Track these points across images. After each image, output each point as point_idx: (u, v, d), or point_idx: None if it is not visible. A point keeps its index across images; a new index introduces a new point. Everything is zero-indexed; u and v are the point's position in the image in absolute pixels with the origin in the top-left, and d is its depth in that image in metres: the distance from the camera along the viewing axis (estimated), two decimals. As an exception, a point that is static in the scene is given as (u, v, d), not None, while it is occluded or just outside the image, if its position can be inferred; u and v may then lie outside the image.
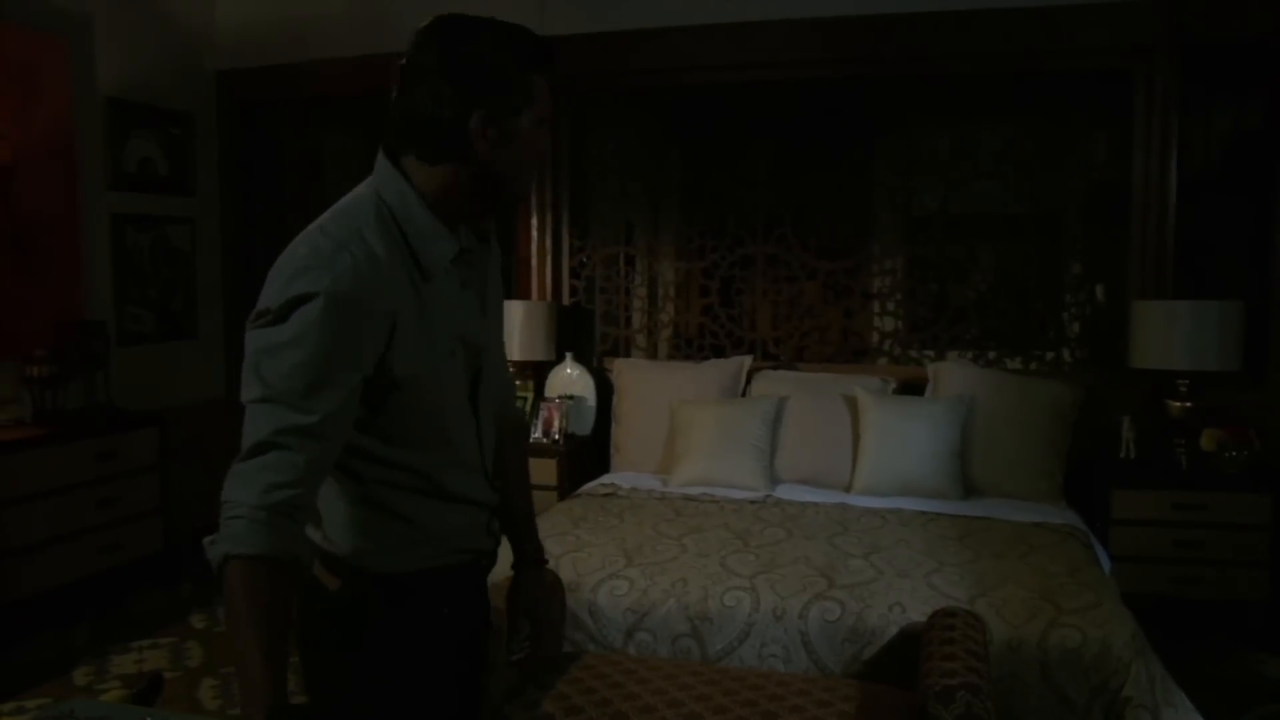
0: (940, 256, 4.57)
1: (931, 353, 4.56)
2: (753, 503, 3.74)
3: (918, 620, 2.61)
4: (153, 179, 4.90)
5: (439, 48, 1.35)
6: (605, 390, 4.71)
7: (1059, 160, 4.41)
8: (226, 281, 5.35)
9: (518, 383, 4.71)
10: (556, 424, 4.50)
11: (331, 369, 1.30)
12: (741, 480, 3.94)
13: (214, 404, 5.24)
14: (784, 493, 3.90)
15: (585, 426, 4.65)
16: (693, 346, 4.84)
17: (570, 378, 4.71)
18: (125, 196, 4.75)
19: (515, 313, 4.59)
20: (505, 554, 1.72)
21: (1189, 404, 3.96)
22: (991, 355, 4.48)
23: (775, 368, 4.52)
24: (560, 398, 4.58)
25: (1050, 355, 4.46)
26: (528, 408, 4.59)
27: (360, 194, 1.42)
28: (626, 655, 2.71)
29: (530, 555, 1.77)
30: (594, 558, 3.05)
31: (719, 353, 4.72)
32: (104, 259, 4.65)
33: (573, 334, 4.88)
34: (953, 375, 4.14)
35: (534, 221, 4.88)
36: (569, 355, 4.73)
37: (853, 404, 4.07)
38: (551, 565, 2.92)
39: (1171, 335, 3.89)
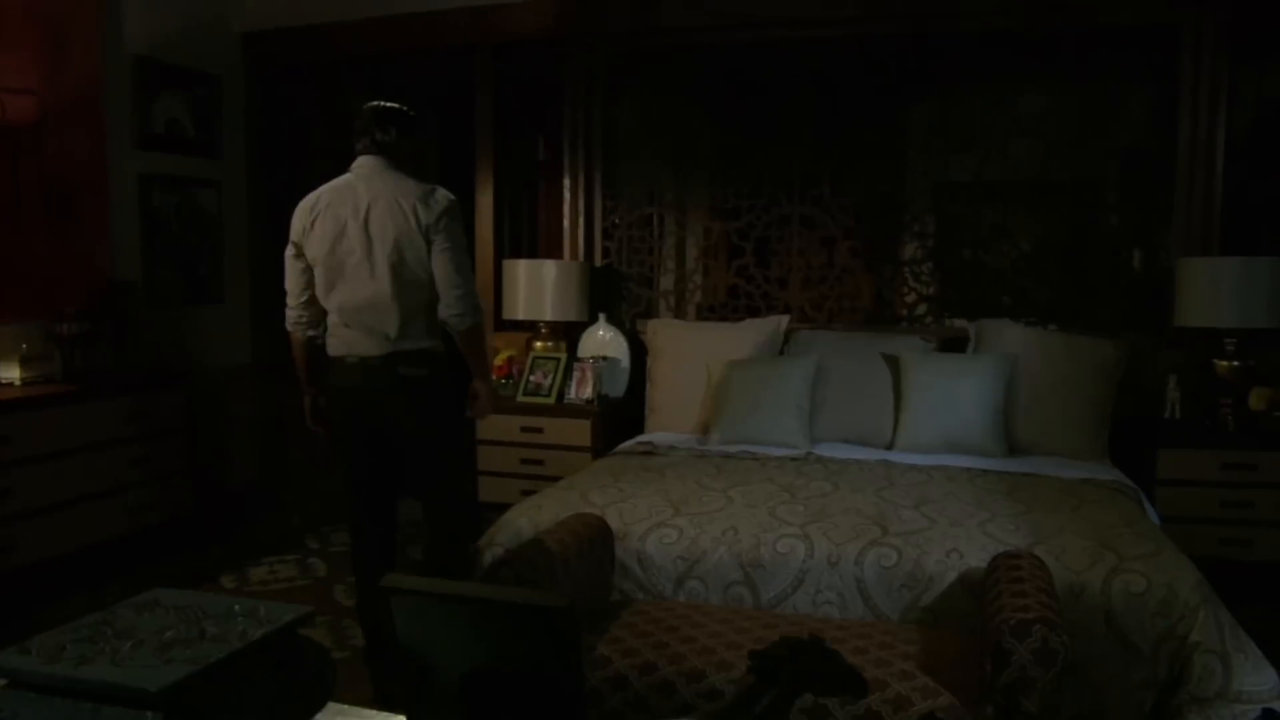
0: (976, 223, 4.48)
1: (965, 321, 4.47)
2: (794, 460, 3.69)
3: (977, 566, 2.55)
4: (180, 140, 4.86)
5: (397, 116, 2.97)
6: (638, 352, 4.65)
7: (1098, 124, 4.32)
8: (252, 246, 5.30)
9: (549, 344, 4.67)
10: (590, 385, 4.44)
11: None
12: (781, 438, 3.88)
13: (240, 369, 5.21)
14: (825, 450, 3.85)
15: (619, 388, 4.60)
16: (727, 308, 4.77)
17: (603, 339, 4.66)
18: (152, 157, 4.71)
19: (548, 273, 4.54)
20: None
21: (1237, 363, 3.89)
22: (1028, 324, 4.39)
23: (813, 328, 4.45)
24: (594, 359, 4.53)
25: (1084, 324, 4.36)
26: (560, 368, 4.54)
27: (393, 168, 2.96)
28: (679, 603, 2.66)
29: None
30: (640, 508, 2.99)
31: (754, 314, 4.65)
32: (131, 219, 4.62)
33: (605, 295, 4.82)
34: (995, 334, 4.07)
35: (566, 182, 4.83)
36: (602, 316, 4.68)
37: (893, 363, 4.01)
38: (598, 513, 2.90)
39: (1219, 292, 3.83)
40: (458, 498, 3.11)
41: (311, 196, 2.95)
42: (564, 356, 4.58)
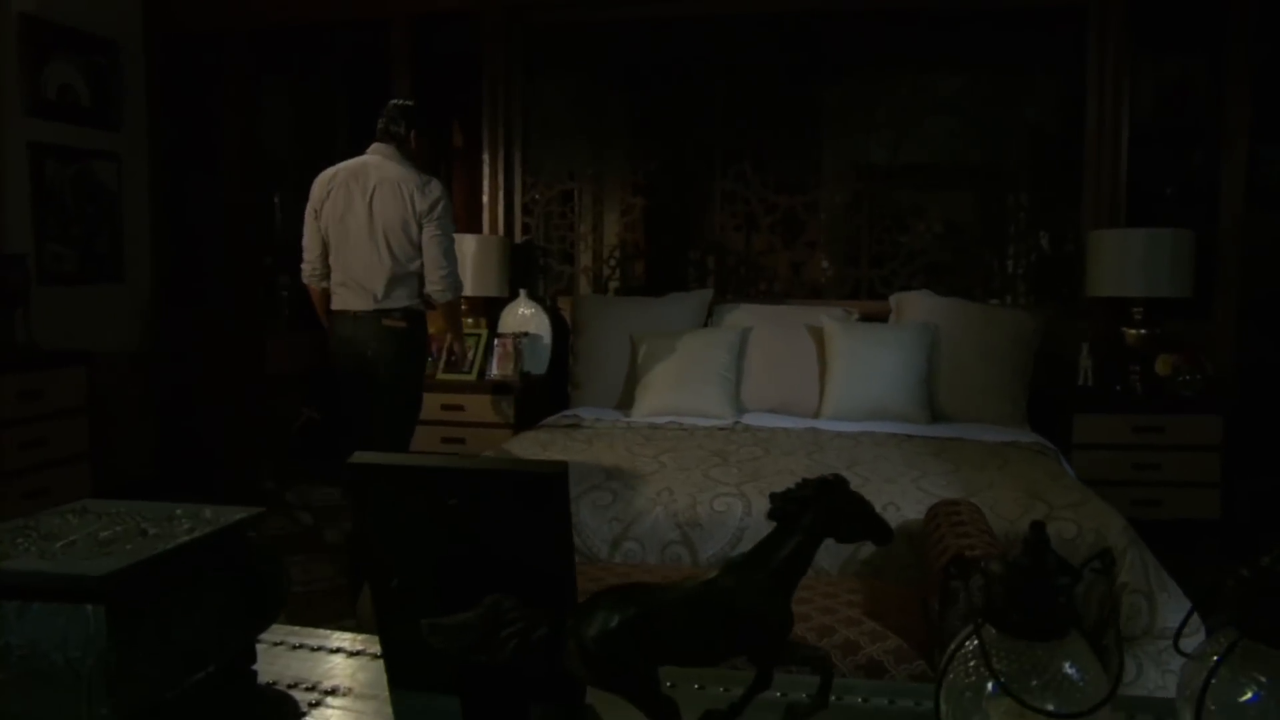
0: (891, 203, 4.54)
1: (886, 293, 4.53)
2: (722, 429, 3.67)
3: (914, 518, 2.56)
4: (74, 109, 4.60)
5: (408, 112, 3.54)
6: (560, 328, 4.58)
7: (1010, 106, 4.42)
8: (155, 223, 5.05)
9: (469, 320, 4.57)
10: (512, 361, 4.35)
11: None
12: (708, 409, 3.86)
13: (141, 351, 4.95)
14: (752, 420, 3.84)
15: (541, 365, 4.51)
16: (648, 284, 4.74)
17: (524, 316, 4.56)
18: (44, 125, 4.44)
19: (467, 248, 4.44)
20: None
21: (1144, 331, 4.02)
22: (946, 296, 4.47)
23: (735, 302, 4.45)
24: (515, 335, 4.43)
25: (994, 303, 4.47)
26: (480, 344, 4.45)
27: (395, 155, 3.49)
28: (616, 565, 2.60)
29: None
30: (571, 473, 2.92)
31: (675, 288, 4.63)
32: (21, 191, 4.34)
33: (525, 271, 4.74)
34: (915, 305, 4.13)
35: (485, 158, 4.73)
36: (523, 292, 4.59)
37: (817, 333, 4.03)
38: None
39: (1127, 263, 3.95)
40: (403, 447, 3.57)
41: (331, 170, 3.48)
42: (485, 333, 4.48)
